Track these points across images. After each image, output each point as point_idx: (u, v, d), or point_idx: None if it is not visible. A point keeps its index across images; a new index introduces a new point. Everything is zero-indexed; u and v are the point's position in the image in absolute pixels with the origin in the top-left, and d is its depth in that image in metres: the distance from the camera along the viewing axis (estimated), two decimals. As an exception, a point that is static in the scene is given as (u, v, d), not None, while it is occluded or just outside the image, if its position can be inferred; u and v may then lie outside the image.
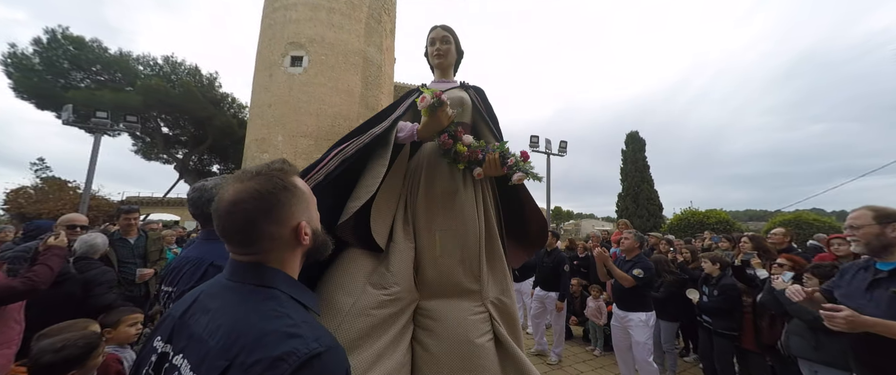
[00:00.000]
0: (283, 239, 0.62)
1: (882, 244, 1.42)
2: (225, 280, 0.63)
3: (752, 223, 16.86)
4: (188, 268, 1.09)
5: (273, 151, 14.22)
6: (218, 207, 0.61)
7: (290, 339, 0.50)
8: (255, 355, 0.48)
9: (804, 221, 8.62)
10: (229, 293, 0.60)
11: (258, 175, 0.62)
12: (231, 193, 0.60)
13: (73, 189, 13.57)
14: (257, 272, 0.60)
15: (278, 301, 0.57)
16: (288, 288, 0.61)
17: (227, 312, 0.56)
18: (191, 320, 0.59)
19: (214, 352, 0.51)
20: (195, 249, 1.19)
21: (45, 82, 16.46)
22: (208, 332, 0.54)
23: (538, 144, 10.26)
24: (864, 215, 1.47)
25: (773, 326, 2.57)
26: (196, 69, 20.73)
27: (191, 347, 0.55)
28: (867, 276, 1.49)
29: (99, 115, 7.72)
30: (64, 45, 16.90)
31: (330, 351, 0.52)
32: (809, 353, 2.10)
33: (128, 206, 3.14)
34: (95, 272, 2.22)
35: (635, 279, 2.89)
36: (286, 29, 14.91)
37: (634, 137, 19.90)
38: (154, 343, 0.62)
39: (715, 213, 10.34)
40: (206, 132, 19.94)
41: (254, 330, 0.51)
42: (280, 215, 0.61)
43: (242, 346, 0.49)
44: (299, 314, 0.57)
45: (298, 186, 0.66)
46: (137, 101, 16.43)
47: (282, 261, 0.63)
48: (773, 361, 2.72)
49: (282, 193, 0.62)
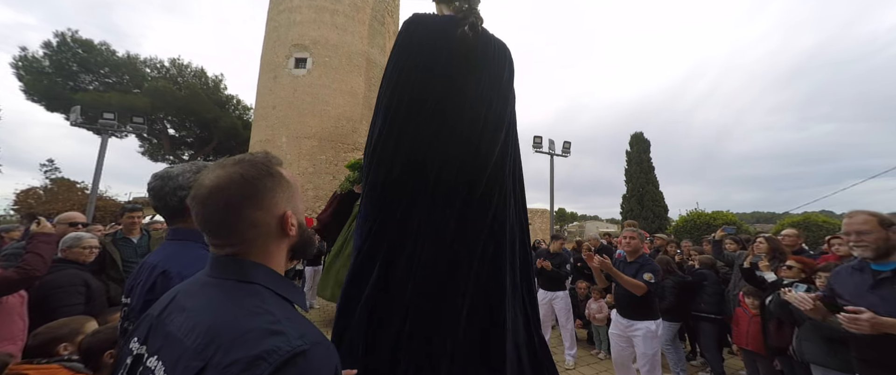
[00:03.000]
0: (268, 228, 0.59)
1: (888, 247, 1.46)
2: (205, 277, 0.60)
3: (759, 225, 16.60)
4: (143, 277, 0.92)
5: (277, 152, 14.30)
6: (197, 194, 0.57)
7: (272, 337, 0.47)
8: (232, 354, 0.45)
9: (813, 223, 8.47)
10: (208, 289, 0.57)
11: (241, 162, 0.59)
12: (212, 178, 0.57)
13: (81, 190, 13.77)
14: (238, 266, 0.57)
15: (260, 298, 0.54)
16: (271, 283, 0.57)
17: (204, 310, 0.53)
18: (167, 319, 0.56)
19: (190, 353, 0.48)
20: (158, 251, 1.01)
21: (54, 85, 16.75)
22: (184, 332, 0.51)
23: (541, 144, 10.21)
24: (870, 221, 1.49)
25: (781, 330, 2.52)
26: (202, 71, 21.00)
27: (166, 348, 0.52)
28: (866, 277, 1.51)
29: (106, 116, 7.82)
30: (73, 48, 17.20)
31: (316, 347, 0.49)
32: (823, 359, 2.07)
33: (132, 205, 3.15)
34: (52, 277, 1.97)
35: (647, 284, 2.52)
36: (290, 31, 15.05)
37: (639, 138, 19.77)
38: (130, 345, 0.59)
39: (721, 215, 10.21)
40: (212, 134, 20.15)
41: (232, 328, 0.48)
42: (264, 202, 0.58)
43: (219, 345, 0.46)
44: (282, 310, 0.54)
45: (284, 175, 0.63)
46: (144, 102, 16.66)
47: (266, 254, 0.60)
48: (783, 365, 2.67)
49: (267, 179, 0.59)
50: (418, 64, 1.11)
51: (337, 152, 13.71)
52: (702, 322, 3.41)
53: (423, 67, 1.11)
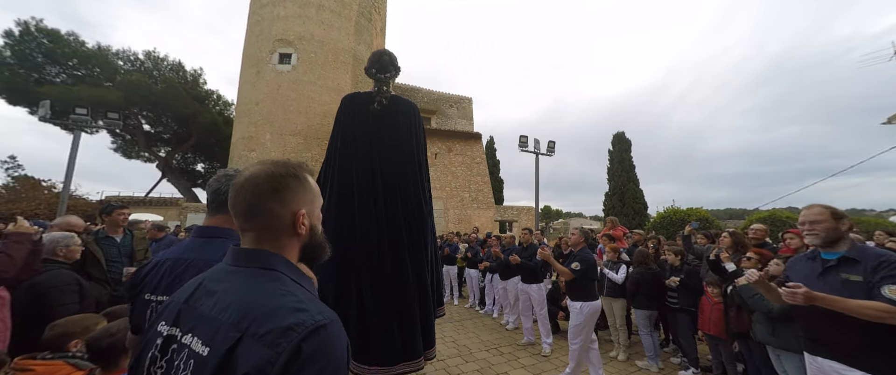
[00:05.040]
0: (283, 221, 0.68)
1: (836, 236, 1.63)
2: (227, 266, 0.68)
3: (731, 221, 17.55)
4: (180, 269, 0.96)
5: (261, 149, 14.00)
6: (235, 182, 0.69)
7: (298, 312, 0.55)
8: (266, 325, 0.53)
9: (778, 218, 9.06)
10: (234, 276, 0.65)
11: (276, 163, 0.70)
12: (250, 172, 0.69)
13: (47, 188, 13.03)
14: (259, 256, 0.66)
15: (282, 282, 0.63)
16: (289, 272, 0.66)
17: (234, 292, 0.61)
18: (196, 303, 0.63)
19: (226, 326, 0.55)
20: (196, 249, 1.02)
21: (17, 76, 15.71)
22: (217, 310, 0.59)
23: (527, 144, 10.44)
24: (823, 212, 1.66)
25: (740, 316, 2.77)
26: (180, 65, 20.18)
27: (200, 326, 0.59)
28: (816, 266, 1.68)
29: (78, 111, 7.46)
30: (38, 37, 16.17)
31: (333, 324, 0.58)
32: (769, 339, 2.31)
33: (119, 202, 3.08)
34: (46, 276, 1.98)
35: (573, 272, 3.23)
36: (274, 26, 14.69)
37: (621, 138, 20.42)
38: (158, 328, 0.65)
39: (696, 211, 10.73)
40: (191, 130, 19.44)
41: (263, 305, 0.56)
42: (283, 197, 0.67)
43: (253, 318, 0.54)
44: (303, 292, 0.63)
45: (308, 180, 0.73)
46: (117, 97, 15.89)
47: (280, 246, 0.68)
48: (742, 347, 2.93)
49: (292, 179, 0.69)
50: (347, 122, 1.97)
51: (323, 149, 13.49)
52: (676, 312, 3.66)
53: (350, 124, 1.97)
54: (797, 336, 1.89)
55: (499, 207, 18.54)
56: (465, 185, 17.01)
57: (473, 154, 17.59)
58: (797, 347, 2.03)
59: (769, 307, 2.27)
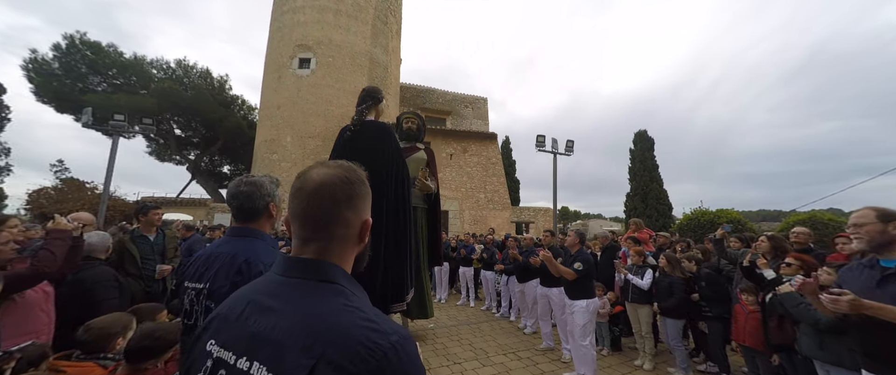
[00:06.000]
0: (353, 230, 0.63)
1: (885, 240, 1.47)
2: (279, 278, 0.61)
3: (765, 224, 16.46)
4: (221, 264, 1.08)
5: (282, 152, 14.46)
6: (304, 186, 0.61)
7: (371, 332, 0.50)
8: (342, 350, 0.48)
9: (819, 220, 8.39)
10: (289, 289, 0.58)
11: (341, 166, 0.65)
12: (320, 175, 0.62)
13: (90, 190, 13.99)
14: (317, 267, 0.59)
15: (345, 296, 0.56)
16: (349, 284, 0.60)
17: (293, 309, 0.55)
18: (248, 321, 0.57)
19: (295, 352, 0.49)
20: (226, 244, 1.16)
21: (64, 86, 17.04)
22: (278, 332, 0.52)
23: (544, 143, 10.22)
24: (868, 214, 1.52)
25: (783, 326, 2.56)
26: (207, 72, 21.20)
27: (258, 350, 0.53)
28: (875, 274, 1.52)
29: (117, 117, 7.96)
30: (82, 50, 17.47)
31: (407, 340, 0.52)
32: (817, 353, 2.11)
33: (153, 203, 3.26)
34: (91, 272, 2.11)
35: (576, 272, 3.33)
36: (294, 31, 15.16)
37: (643, 136, 19.66)
38: (206, 347, 0.59)
39: (726, 212, 10.13)
40: (217, 134, 20.36)
41: (331, 326, 0.51)
42: (357, 205, 0.63)
43: (326, 342, 0.49)
44: (368, 306, 0.56)
45: (369, 186, 0.68)
46: (151, 103, 16.88)
47: (342, 257, 0.63)
48: (784, 361, 2.71)
49: (361, 185, 0.65)
50: (337, 143, 3.08)
51: (341, 151, 13.74)
52: (708, 321, 3.47)
53: (335, 147, 3.10)
54: (850, 350, 1.73)
55: (515, 208, 18.29)
56: (481, 186, 16.90)
57: (489, 154, 17.45)
58: (851, 363, 1.83)
59: (816, 318, 2.07)
